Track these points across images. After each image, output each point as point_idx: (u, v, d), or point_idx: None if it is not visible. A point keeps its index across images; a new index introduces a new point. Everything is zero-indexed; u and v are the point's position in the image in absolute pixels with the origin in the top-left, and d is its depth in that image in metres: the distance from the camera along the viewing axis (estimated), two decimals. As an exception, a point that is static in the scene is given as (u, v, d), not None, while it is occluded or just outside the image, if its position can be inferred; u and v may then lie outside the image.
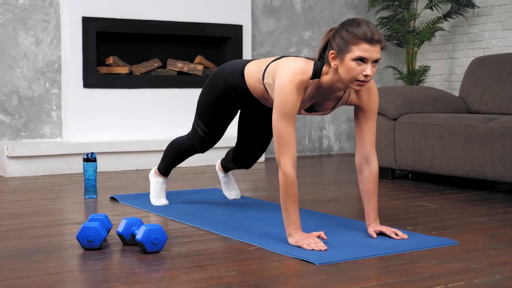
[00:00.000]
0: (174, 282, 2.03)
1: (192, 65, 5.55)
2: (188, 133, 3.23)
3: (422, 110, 4.41)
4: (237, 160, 3.32)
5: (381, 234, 2.64)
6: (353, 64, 2.40)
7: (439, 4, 6.04)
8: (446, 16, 5.98)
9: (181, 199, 3.57)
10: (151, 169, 5.09)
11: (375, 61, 2.42)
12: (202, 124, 3.10)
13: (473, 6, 5.88)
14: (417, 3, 6.23)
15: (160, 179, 3.43)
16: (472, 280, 2.03)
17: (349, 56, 2.40)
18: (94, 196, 3.70)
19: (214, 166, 5.24)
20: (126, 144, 5.07)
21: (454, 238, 2.62)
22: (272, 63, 2.68)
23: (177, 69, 5.51)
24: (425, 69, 6.07)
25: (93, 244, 2.43)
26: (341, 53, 2.42)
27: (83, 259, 2.32)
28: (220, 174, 3.55)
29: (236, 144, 3.28)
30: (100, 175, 4.64)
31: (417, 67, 6.34)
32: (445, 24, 6.23)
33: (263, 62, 2.77)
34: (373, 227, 2.65)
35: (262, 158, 5.68)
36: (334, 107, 2.71)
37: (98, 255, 2.37)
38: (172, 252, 2.40)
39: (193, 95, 5.54)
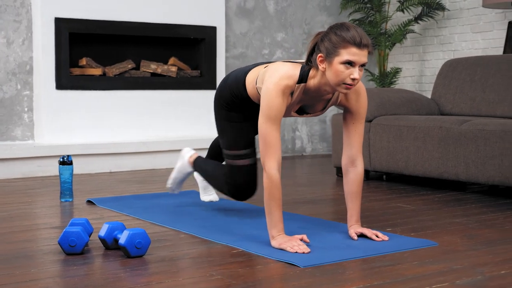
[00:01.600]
0: (160, 286, 2.02)
1: (166, 67, 5.53)
2: (225, 178, 2.99)
3: (396, 112, 4.46)
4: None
5: (361, 236, 2.67)
6: (341, 67, 2.42)
7: (410, 7, 6.11)
8: (417, 18, 6.05)
9: (159, 201, 3.56)
10: (125, 171, 5.07)
11: (362, 65, 2.44)
12: (236, 149, 2.93)
13: (443, 9, 5.96)
14: (389, 6, 6.29)
15: (190, 170, 3.37)
16: (455, 281, 2.06)
17: (337, 60, 2.42)
18: (70, 200, 3.67)
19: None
20: (100, 146, 5.04)
21: (433, 239, 2.66)
22: (264, 68, 2.69)
23: (151, 71, 5.49)
24: (396, 71, 6.14)
25: (75, 249, 2.42)
26: (329, 56, 2.44)
27: (66, 264, 2.30)
28: (200, 178, 3.53)
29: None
30: (74, 177, 4.60)
31: (388, 69, 6.40)
32: (416, 27, 6.30)
33: (260, 68, 2.77)
34: (354, 229, 2.68)
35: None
36: (324, 108, 2.72)
37: (80, 260, 2.36)
38: (155, 256, 2.40)
39: (166, 96, 5.53)
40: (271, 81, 2.52)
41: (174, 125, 5.54)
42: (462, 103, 4.55)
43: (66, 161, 3.67)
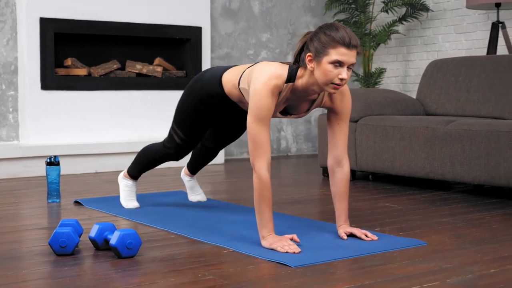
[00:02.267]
0: (153, 287, 2.03)
1: (151, 67, 5.52)
2: (164, 141, 3.21)
3: (382, 112, 4.48)
4: (205, 144, 3.36)
5: (351, 235, 2.69)
6: (330, 67, 2.43)
7: (394, 8, 6.15)
8: (402, 19, 6.09)
9: (147, 202, 3.55)
10: (111, 172, 5.06)
11: (351, 66, 2.46)
12: (180, 131, 3.09)
13: (427, 10, 6.00)
14: (373, 7, 6.33)
15: (130, 182, 3.42)
16: (445, 280, 2.08)
17: (326, 59, 2.43)
18: (58, 200, 3.66)
19: (175, 168, 5.23)
20: (85, 146, 5.02)
21: (422, 238, 2.69)
22: (248, 68, 2.70)
23: (136, 71, 5.48)
24: (381, 71, 6.17)
25: (65, 250, 2.41)
26: (318, 55, 2.45)
27: (57, 265, 2.29)
28: (186, 179, 3.55)
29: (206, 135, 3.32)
30: (60, 178, 4.57)
31: (373, 69, 6.44)
32: (400, 27, 6.35)
33: (239, 68, 2.79)
34: (344, 229, 2.69)
35: (221, 160, 5.69)
36: (308, 110, 2.74)
37: (71, 260, 2.35)
38: (146, 257, 2.40)
39: (152, 97, 5.52)
40: (260, 81, 2.53)
41: (159, 125, 5.53)
42: (447, 103, 4.59)
43: (53, 162, 3.65)
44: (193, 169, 3.51)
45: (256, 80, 2.55)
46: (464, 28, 5.84)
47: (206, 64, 5.74)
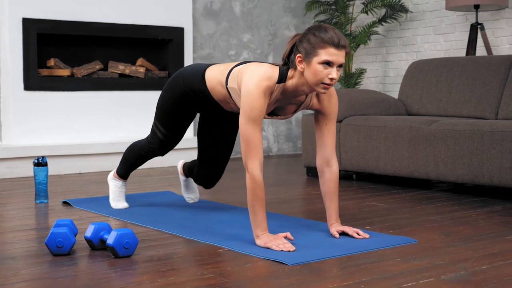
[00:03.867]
0: (153, 286, 2.05)
1: (134, 68, 5.53)
2: (147, 137, 3.24)
3: (365, 112, 4.54)
4: (199, 179, 3.32)
5: (343, 234, 2.73)
6: (320, 67, 2.48)
7: (374, 9, 6.22)
8: (381, 20, 6.16)
9: (135, 202, 3.57)
10: (94, 172, 5.05)
11: (340, 66, 2.51)
12: (161, 127, 3.12)
13: (406, 11, 6.08)
14: (353, 8, 6.39)
15: (119, 182, 3.43)
16: (440, 277, 2.14)
17: (316, 60, 2.48)
18: (45, 201, 3.66)
19: (159, 168, 5.24)
20: (69, 147, 5.01)
21: (412, 236, 2.74)
22: (236, 68, 2.73)
23: (119, 72, 5.48)
24: (361, 72, 6.24)
25: (62, 250, 2.42)
26: (308, 56, 2.49)
27: (55, 265, 2.30)
28: (182, 177, 3.57)
29: (197, 159, 3.29)
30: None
31: (353, 70, 6.50)
32: (379, 28, 6.42)
33: (224, 66, 2.82)
34: (335, 227, 2.74)
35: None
36: (295, 111, 2.79)
37: (68, 260, 2.36)
38: (143, 256, 2.42)
39: (135, 97, 5.52)
40: (252, 82, 2.56)
41: (142, 125, 5.54)
42: (429, 104, 4.66)
43: (41, 162, 3.65)
44: (188, 173, 3.49)
45: (248, 81, 2.58)
46: (442, 29, 5.93)
47: (188, 65, 5.76)
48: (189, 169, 3.43)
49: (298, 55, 2.53)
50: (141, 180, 4.61)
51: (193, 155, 5.54)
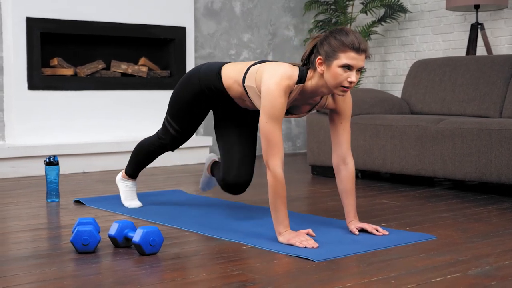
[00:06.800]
0: (187, 282, 2.07)
1: (136, 67, 5.54)
2: (158, 132, 3.26)
3: (370, 111, 4.58)
4: (225, 184, 3.04)
5: (362, 230, 2.76)
6: (340, 70, 2.51)
7: (373, 9, 6.27)
8: (380, 20, 6.20)
9: (147, 201, 3.58)
10: (98, 171, 5.05)
11: (359, 69, 2.54)
12: (174, 123, 3.14)
13: (405, 11, 6.13)
14: (353, 8, 6.43)
15: (129, 182, 3.44)
16: (466, 272, 2.17)
17: (336, 63, 2.51)
18: (57, 200, 3.66)
19: (163, 167, 5.25)
20: (72, 146, 5.01)
21: (429, 233, 2.77)
22: (253, 67, 2.75)
23: (121, 71, 5.49)
24: (361, 71, 6.27)
25: (87, 248, 2.43)
26: (328, 59, 2.53)
27: (82, 262, 2.32)
28: (206, 174, 3.50)
29: (221, 165, 3.08)
30: (51, 178, 4.56)
31: (352, 69, 6.53)
32: (378, 28, 6.46)
33: (241, 65, 2.85)
34: (354, 224, 2.77)
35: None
36: (310, 111, 2.82)
37: (94, 258, 2.38)
38: (168, 254, 2.44)
39: (137, 96, 5.53)
40: (273, 81, 2.59)
41: (145, 125, 5.55)
42: (433, 103, 4.71)
43: (52, 161, 3.66)
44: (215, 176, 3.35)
45: (270, 80, 2.60)
46: (441, 29, 5.98)
47: (190, 64, 5.78)
48: (217, 177, 3.21)
49: (319, 57, 2.56)
50: (148, 179, 4.62)
51: (200, 154, 5.55)
